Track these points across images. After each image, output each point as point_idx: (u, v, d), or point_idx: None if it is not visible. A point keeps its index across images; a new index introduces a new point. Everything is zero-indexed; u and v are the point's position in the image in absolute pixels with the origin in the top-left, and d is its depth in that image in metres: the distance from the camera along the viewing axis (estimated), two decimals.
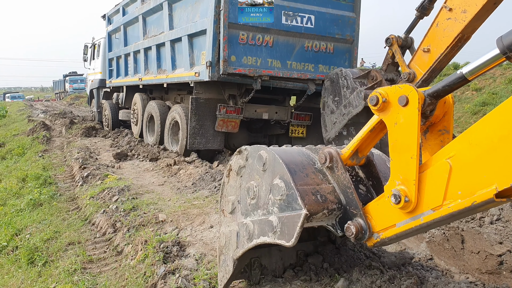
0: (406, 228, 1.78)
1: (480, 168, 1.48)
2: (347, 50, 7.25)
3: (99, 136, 11.18)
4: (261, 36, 6.49)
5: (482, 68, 1.53)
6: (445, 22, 5.03)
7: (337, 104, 6.03)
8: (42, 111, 22.16)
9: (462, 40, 4.99)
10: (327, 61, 7.04)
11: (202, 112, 6.84)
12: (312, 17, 6.74)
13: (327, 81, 6.26)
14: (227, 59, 6.16)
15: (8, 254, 4.06)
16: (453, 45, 5.04)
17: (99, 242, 3.98)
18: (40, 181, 6.28)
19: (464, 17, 4.80)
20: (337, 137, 6.06)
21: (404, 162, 1.73)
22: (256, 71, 6.33)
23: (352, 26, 7.14)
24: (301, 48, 6.83)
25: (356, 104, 5.68)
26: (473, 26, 4.88)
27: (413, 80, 5.51)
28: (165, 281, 2.76)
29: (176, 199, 4.85)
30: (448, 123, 1.91)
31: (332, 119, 6.11)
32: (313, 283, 2.46)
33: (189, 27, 7.06)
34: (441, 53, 5.13)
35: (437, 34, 5.18)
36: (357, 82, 5.80)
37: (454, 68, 19.14)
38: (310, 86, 6.86)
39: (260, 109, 7.21)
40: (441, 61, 5.21)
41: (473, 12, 4.71)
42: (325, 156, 2.07)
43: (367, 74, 5.91)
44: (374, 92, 1.81)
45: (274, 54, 6.62)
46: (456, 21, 4.91)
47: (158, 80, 8.41)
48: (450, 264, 3.34)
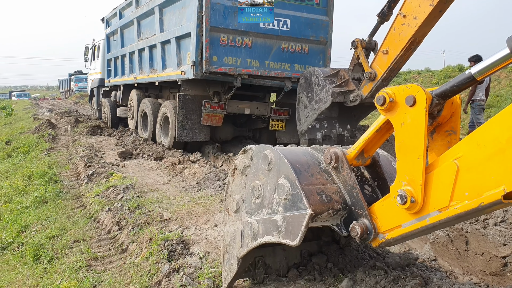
0: (412, 229, 1.78)
1: (488, 169, 1.47)
2: (321, 51, 7.93)
3: (104, 134, 11.24)
4: (241, 38, 7.17)
5: (491, 68, 1.52)
6: (400, 27, 5.60)
7: (310, 100, 6.61)
8: (48, 110, 22.27)
9: (415, 43, 5.55)
10: (302, 61, 7.71)
11: (189, 108, 7.55)
12: (288, 21, 7.41)
13: (301, 78, 6.81)
14: (209, 59, 6.85)
15: (14, 250, 4.10)
16: (407, 47, 5.60)
17: (104, 239, 4.01)
18: (45, 178, 6.32)
19: (416, 23, 5.34)
20: (309, 130, 6.63)
21: (411, 163, 1.73)
22: (236, 70, 6.99)
23: (326, 28, 7.81)
24: (278, 49, 7.53)
25: (325, 100, 6.32)
26: (424, 30, 5.42)
27: (374, 78, 6.13)
28: (169, 279, 2.77)
29: (180, 197, 4.86)
30: (456, 123, 1.90)
31: (305, 113, 6.69)
32: (317, 282, 2.46)
33: (176, 30, 7.73)
34: (397, 54, 5.71)
35: (394, 38, 5.74)
36: (327, 80, 6.38)
37: (459, 70, 19.03)
38: (286, 83, 7.53)
39: (242, 105, 7.89)
40: (398, 61, 5.79)
41: (422, 18, 5.22)
42: (331, 156, 2.06)
43: (336, 73, 6.50)
44: (381, 92, 1.80)
45: (253, 55, 7.30)
46: (409, 26, 5.47)
47: (151, 79, 9.06)
48: (454, 265, 3.33)
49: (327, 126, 6.76)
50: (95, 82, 14.38)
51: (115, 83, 12.14)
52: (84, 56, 15.60)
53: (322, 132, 6.72)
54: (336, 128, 6.85)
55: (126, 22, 10.86)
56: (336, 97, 6.32)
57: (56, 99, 48.31)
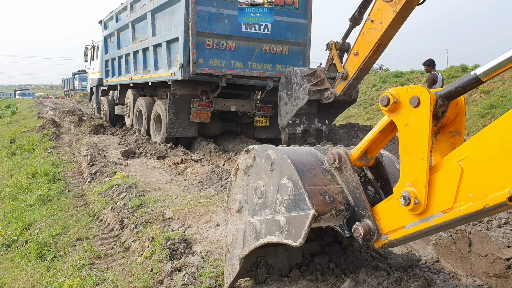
0: (415, 230, 1.77)
1: (493, 170, 1.46)
2: (300, 52, 8.52)
3: (107, 133, 11.26)
4: (225, 42, 7.78)
5: (497, 69, 1.49)
6: (368, 31, 6.13)
7: (289, 97, 7.21)
8: (52, 108, 22.36)
9: (381, 45, 6.10)
10: (283, 61, 8.31)
11: (179, 106, 8.16)
12: (269, 25, 8.00)
13: (282, 77, 7.42)
14: (196, 62, 7.47)
15: (18, 248, 4.12)
16: (375, 49, 6.12)
17: (107, 238, 4.02)
18: (49, 177, 6.35)
19: (381, 28, 5.86)
20: (289, 124, 7.20)
21: (415, 164, 1.72)
22: (221, 71, 7.62)
23: (305, 31, 8.39)
24: (260, 51, 8.15)
25: (302, 98, 6.90)
26: (389, 34, 5.95)
27: (347, 77, 6.68)
28: (171, 278, 2.78)
29: (183, 197, 4.87)
30: (460, 124, 1.89)
31: (285, 110, 7.28)
32: (319, 283, 2.45)
33: (166, 34, 8.37)
34: (366, 56, 6.24)
35: (363, 41, 6.28)
36: (304, 79, 6.95)
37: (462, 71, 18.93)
38: (268, 82, 8.13)
39: (228, 103, 8.52)
40: (367, 62, 6.35)
41: (387, 23, 5.74)
42: (334, 157, 2.06)
43: (313, 72, 7.08)
44: (385, 93, 1.79)
45: (237, 57, 7.93)
46: (376, 30, 5.99)
47: (145, 79, 9.72)
48: (457, 267, 3.31)
49: (307, 121, 7.33)
50: (94, 81, 14.98)
51: (112, 83, 12.70)
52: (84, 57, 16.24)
53: (301, 127, 7.28)
54: (315, 123, 7.40)
55: (122, 25, 11.40)
56: (312, 95, 6.87)
57: (59, 98, 48.49)
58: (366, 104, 19.82)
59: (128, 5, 10.68)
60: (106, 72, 13.23)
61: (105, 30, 13.26)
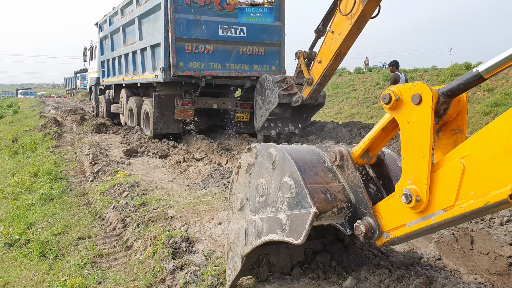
0: (417, 228, 1.76)
1: (495, 168, 1.46)
2: (276, 52, 9.24)
3: (109, 132, 11.28)
4: (203, 46, 8.47)
5: (499, 66, 1.48)
6: (329, 41, 7.02)
7: (263, 102, 8.07)
8: (54, 107, 22.40)
9: (341, 54, 7.01)
10: (260, 62, 9.04)
11: (163, 105, 8.80)
12: (244, 28, 8.69)
13: (257, 84, 8.33)
14: (176, 65, 8.17)
15: (20, 247, 4.14)
16: (335, 58, 7.02)
17: (109, 237, 4.03)
18: (51, 176, 6.37)
19: (340, 38, 6.74)
20: (265, 127, 8.12)
21: (416, 162, 1.71)
22: (200, 73, 8.37)
23: (279, 32, 9.10)
24: (237, 53, 8.83)
25: (273, 101, 7.75)
26: (347, 44, 6.84)
27: (312, 83, 7.57)
28: (173, 276, 2.79)
29: (185, 195, 4.88)
30: (462, 122, 1.88)
31: (260, 113, 8.18)
32: (321, 281, 2.46)
33: (151, 39, 9.08)
34: (327, 63, 7.14)
35: (325, 50, 7.18)
36: (276, 85, 7.80)
37: (465, 68, 18.87)
38: (246, 82, 8.95)
39: (210, 101, 9.21)
40: (328, 69, 7.28)
41: (344, 34, 6.60)
42: (336, 155, 2.06)
43: (284, 79, 7.93)
44: (387, 90, 1.79)
45: (215, 59, 8.63)
46: (335, 41, 6.86)
47: (134, 80, 10.48)
48: (458, 264, 3.30)
49: (281, 125, 8.22)
50: (93, 81, 15.66)
51: (108, 83, 13.36)
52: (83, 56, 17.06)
53: (276, 130, 8.14)
54: (288, 127, 8.25)
55: (114, 28, 12.07)
56: (282, 99, 7.67)
57: (62, 97, 48.56)
58: (369, 102, 19.80)
59: (119, 10, 11.40)
60: (102, 72, 13.84)
61: (101, 32, 13.87)
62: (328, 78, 7.60)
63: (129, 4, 10.61)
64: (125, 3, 10.84)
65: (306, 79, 7.63)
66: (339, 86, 24.68)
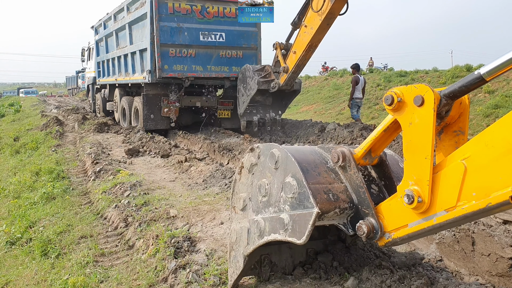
0: (419, 229, 1.78)
1: (496, 169, 1.47)
2: (253, 55, 10.19)
3: (111, 132, 11.30)
4: (186, 50, 9.41)
5: (501, 68, 1.49)
6: (303, 34, 7.64)
7: (245, 89, 8.82)
8: (55, 107, 22.43)
9: (312, 46, 7.67)
10: (238, 64, 9.80)
11: (151, 104, 9.73)
12: (223, 34, 9.71)
13: (240, 73, 9.15)
14: (161, 68, 9.17)
15: (22, 245, 4.15)
16: (307, 49, 7.66)
17: (111, 236, 4.04)
18: (53, 175, 6.39)
19: (312, 32, 7.36)
20: (247, 113, 8.96)
21: (418, 163, 1.72)
22: (184, 74, 9.37)
23: (255, 37, 10.11)
24: (217, 56, 9.78)
25: (253, 88, 8.51)
26: (318, 37, 7.48)
27: (287, 71, 8.26)
28: (175, 275, 2.80)
29: (187, 195, 4.89)
30: (464, 124, 1.89)
31: (242, 100, 8.96)
32: (323, 281, 2.47)
33: (139, 44, 10.03)
34: (300, 54, 7.77)
35: (299, 42, 7.80)
36: (255, 73, 8.58)
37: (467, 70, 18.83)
38: (226, 82, 9.98)
39: (194, 100, 10.13)
40: (302, 59, 7.91)
41: (315, 28, 7.24)
42: (338, 155, 2.07)
43: (263, 68, 8.77)
44: (389, 92, 1.80)
45: (197, 61, 9.58)
46: (308, 34, 7.49)
47: (125, 81, 11.45)
48: (460, 265, 3.31)
49: (262, 111, 9.11)
50: (90, 80, 16.65)
51: (103, 82, 14.30)
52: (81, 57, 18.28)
53: (258, 116, 9.04)
54: (269, 113, 9.13)
55: (108, 32, 12.92)
56: (261, 85, 8.42)
57: (63, 96, 48.61)
58: (371, 103, 19.77)
59: (112, 15, 12.33)
60: (98, 73, 14.74)
61: (96, 35, 14.79)
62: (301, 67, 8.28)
63: (121, 11, 11.49)
64: (118, 10, 11.73)
65: (282, 68, 8.31)
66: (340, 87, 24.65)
